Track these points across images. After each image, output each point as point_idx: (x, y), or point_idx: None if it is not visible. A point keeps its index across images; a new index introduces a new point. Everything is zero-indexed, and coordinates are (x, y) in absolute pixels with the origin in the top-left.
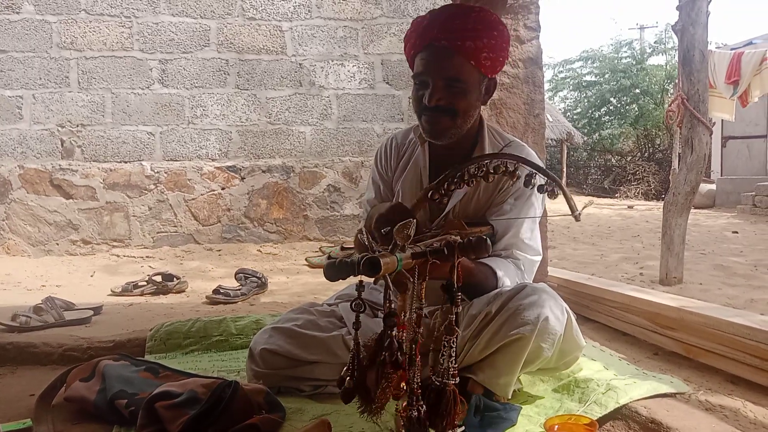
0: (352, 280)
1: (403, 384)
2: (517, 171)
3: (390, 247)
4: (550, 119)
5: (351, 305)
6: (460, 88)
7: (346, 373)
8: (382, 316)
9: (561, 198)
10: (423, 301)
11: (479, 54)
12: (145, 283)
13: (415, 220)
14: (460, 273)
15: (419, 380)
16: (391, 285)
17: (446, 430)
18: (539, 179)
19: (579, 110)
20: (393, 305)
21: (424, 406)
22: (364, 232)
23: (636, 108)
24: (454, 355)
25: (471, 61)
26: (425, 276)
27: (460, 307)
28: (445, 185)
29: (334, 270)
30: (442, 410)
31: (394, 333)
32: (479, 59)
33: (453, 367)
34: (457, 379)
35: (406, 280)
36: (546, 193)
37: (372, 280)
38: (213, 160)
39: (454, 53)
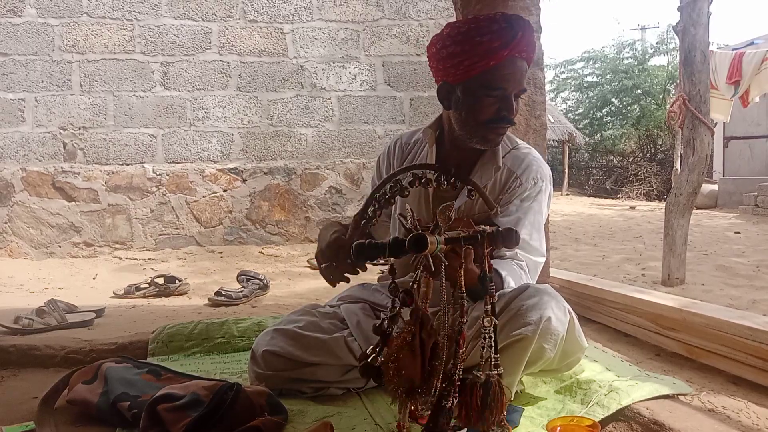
0: (353, 281)
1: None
2: (440, 178)
3: (431, 227)
4: (552, 120)
5: (389, 288)
6: (519, 98)
7: (372, 351)
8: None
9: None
10: (463, 290)
11: (530, 65)
12: (147, 285)
13: (454, 203)
14: (490, 265)
15: (460, 372)
16: (431, 265)
17: (496, 422)
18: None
19: (581, 111)
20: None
21: (457, 398)
22: (406, 214)
23: (638, 109)
24: (494, 345)
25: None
26: (461, 263)
27: (496, 297)
28: (369, 210)
29: (364, 251)
30: (491, 402)
31: (401, 309)
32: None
33: (495, 358)
34: (501, 369)
35: (440, 264)
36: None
37: (375, 280)
38: (215, 162)
39: (527, 65)
